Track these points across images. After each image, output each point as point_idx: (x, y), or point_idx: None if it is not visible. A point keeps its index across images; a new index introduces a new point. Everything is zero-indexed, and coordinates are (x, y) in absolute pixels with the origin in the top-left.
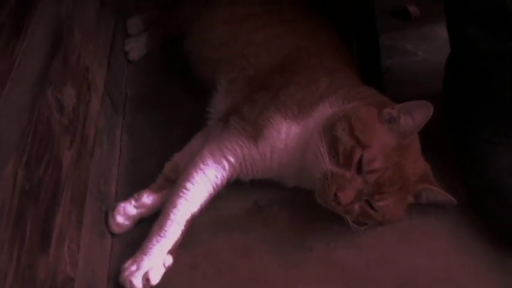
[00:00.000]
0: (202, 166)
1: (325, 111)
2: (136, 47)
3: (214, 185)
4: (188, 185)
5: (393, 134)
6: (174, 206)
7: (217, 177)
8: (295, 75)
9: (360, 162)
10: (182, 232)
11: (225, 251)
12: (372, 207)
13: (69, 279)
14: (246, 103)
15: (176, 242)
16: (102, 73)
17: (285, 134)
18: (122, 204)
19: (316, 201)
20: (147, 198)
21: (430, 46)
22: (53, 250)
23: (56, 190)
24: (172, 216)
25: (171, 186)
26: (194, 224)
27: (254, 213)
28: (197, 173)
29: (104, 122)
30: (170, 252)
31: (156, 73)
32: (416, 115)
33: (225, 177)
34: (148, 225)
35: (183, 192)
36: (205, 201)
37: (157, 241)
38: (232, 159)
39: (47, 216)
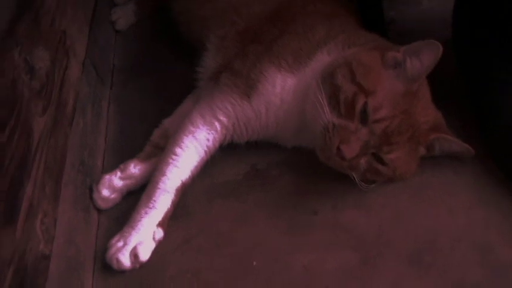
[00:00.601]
0: (192, 129)
1: (323, 59)
2: (123, 16)
3: (206, 149)
4: (177, 150)
5: (400, 79)
6: (163, 174)
7: (208, 139)
8: (289, 23)
9: (364, 111)
10: (173, 202)
11: (222, 221)
12: (380, 161)
13: (42, 257)
14: (237, 58)
15: (166, 213)
16: (82, 40)
17: (280, 87)
18: (107, 176)
19: (319, 161)
20: (135, 168)
21: None
22: (20, 225)
23: (25, 159)
24: (161, 184)
25: (160, 154)
26: (186, 193)
27: (252, 178)
28: (187, 136)
29: (87, 91)
30: (160, 224)
31: (145, 42)
32: (424, 56)
33: (218, 139)
34: (137, 198)
35: (172, 158)
36: (196, 166)
37: (145, 213)
38: (224, 119)
39: (12, 187)
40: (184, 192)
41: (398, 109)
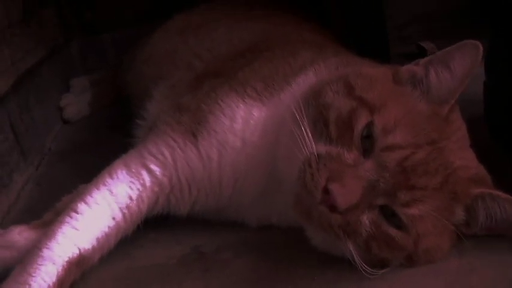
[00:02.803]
0: (108, 180)
1: (307, 81)
2: (74, 104)
3: (126, 211)
4: (81, 206)
5: (421, 99)
6: (52, 237)
7: (131, 198)
8: (264, 51)
9: (367, 136)
10: (59, 279)
11: None
12: (393, 223)
13: None
14: (188, 94)
15: None
16: None
17: (242, 121)
18: None
19: (296, 240)
20: (19, 235)
21: None
22: None
23: None
24: (45, 251)
25: None
26: (87, 276)
27: (191, 263)
28: (98, 189)
29: None
30: None
31: (95, 135)
32: (457, 63)
33: (145, 199)
34: None
35: (70, 216)
36: (107, 235)
37: None
38: (156, 170)
39: None
40: (84, 273)
41: (423, 137)
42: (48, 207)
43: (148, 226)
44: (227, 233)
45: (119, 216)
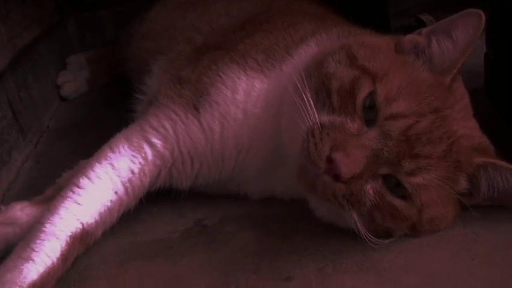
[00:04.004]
0: (110, 154)
1: (309, 51)
2: (72, 82)
3: (128, 184)
4: (83, 180)
5: (424, 68)
6: (55, 212)
7: (133, 171)
8: (263, 24)
9: (370, 106)
10: (62, 254)
11: None
12: (397, 193)
13: None
14: (187, 67)
15: (49, 270)
16: None
17: (244, 92)
18: None
19: (301, 214)
20: (21, 211)
21: None
22: None
23: None
24: (48, 226)
25: None
26: (91, 251)
27: (194, 236)
28: (100, 164)
29: None
30: (36, 286)
31: (93, 112)
32: (459, 32)
33: (147, 172)
34: None
35: (73, 191)
36: (110, 209)
37: (15, 267)
38: (158, 143)
39: None
40: (88, 249)
41: (426, 105)
42: (48, 184)
43: (150, 201)
44: (230, 207)
45: (121, 190)
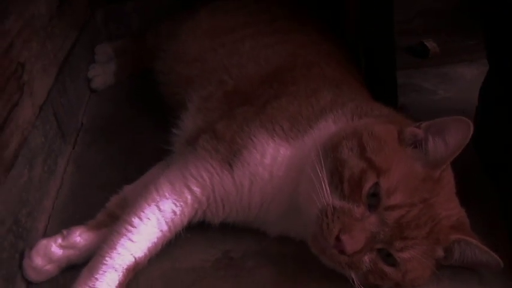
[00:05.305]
0: (156, 197)
1: (327, 128)
2: (101, 75)
3: (171, 223)
4: (135, 220)
5: (419, 161)
6: (113, 247)
7: (175, 212)
8: (289, 86)
9: (373, 194)
10: (120, 283)
11: None
12: (387, 261)
13: None
14: (222, 120)
15: None
16: (46, 82)
17: (271, 157)
18: (44, 242)
19: (309, 256)
20: (80, 237)
21: (451, 85)
22: None
23: None
24: (108, 260)
25: (113, 225)
26: (139, 275)
27: (222, 268)
28: (149, 205)
29: (41, 142)
30: None
31: (120, 105)
32: (450, 136)
33: (186, 214)
34: (78, 275)
35: (127, 229)
36: (155, 244)
37: None
38: (197, 190)
39: None
40: (136, 275)
41: (417, 197)
42: (89, 192)
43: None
44: (252, 240)
45: (165, 228)
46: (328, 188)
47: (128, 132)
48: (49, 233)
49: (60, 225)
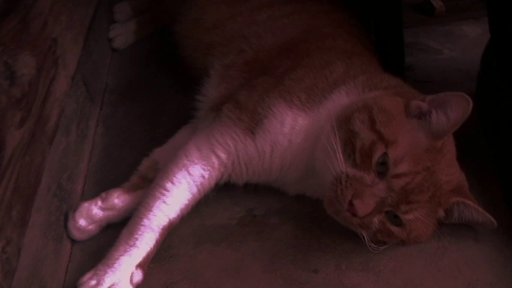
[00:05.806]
0: (186, 162)
1: (340, 100)
2: (122, 34)
3: (200, 186)
4: (168, 184)
5: (423, 132)
6: (149, 210)
7: (203, 176)
8: (304, 57)
9: (382, 163)
10: (157, 242)
11: (209, 269)
12: (394, 222)
13: None
14: (243, 89)
15: (148, 254)
16: (75, 51)
17: (289, 126)
18: (86, 204)
19: (325, 213)
20: (117, 199)
21: (456, 44)
22: None
23: None
24: (145, 221)
25: (147, 187)
26: (172, 233)
27: (247, 225)
28: (180, 170)
29: (73, 108)
30: (140, 266)
31: (141, 64)
32: (452, 111)
33: (214, 177)
34: (117, 233)
35: (161, 192)
36: (187, 205)
37: (125, 251)
38: (223, 156)
39: None
40: (170, 232)
41: (421, 165)
42: (120, 154)
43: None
44: (273, 199)
45: (195, 191)
46: (342, 157)
47: (149, 91)
48: (86, 193)
49: (95, 185)
